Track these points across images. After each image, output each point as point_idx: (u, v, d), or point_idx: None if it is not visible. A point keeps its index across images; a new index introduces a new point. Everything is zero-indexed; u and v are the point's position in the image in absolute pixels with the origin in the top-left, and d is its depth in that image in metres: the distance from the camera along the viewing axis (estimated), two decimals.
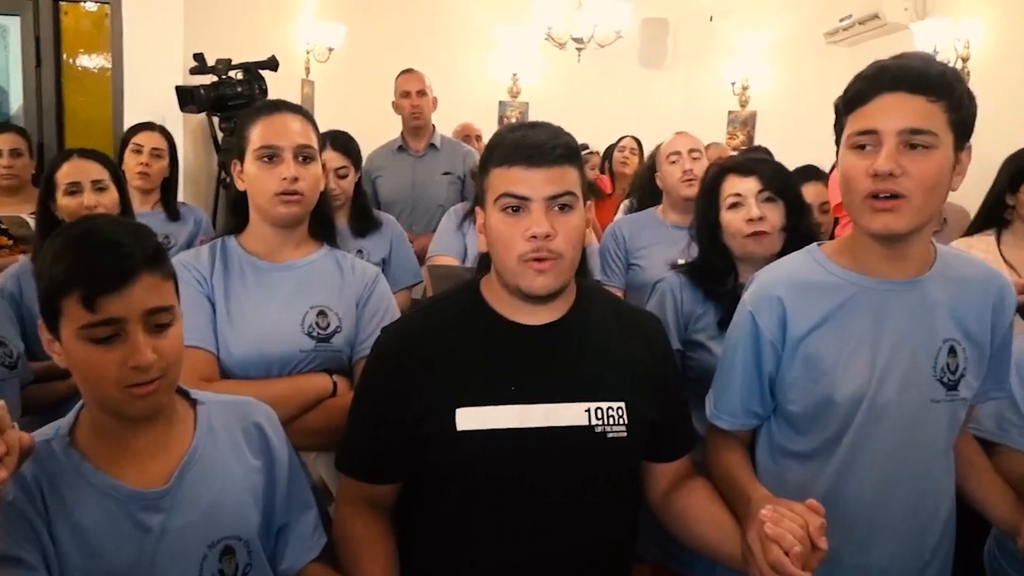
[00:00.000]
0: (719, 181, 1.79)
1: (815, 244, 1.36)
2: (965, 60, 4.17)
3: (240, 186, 1.58)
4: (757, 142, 6.84)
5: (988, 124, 4.50)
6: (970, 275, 1.29)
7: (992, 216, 2.61)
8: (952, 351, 1.25)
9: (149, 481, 1.10)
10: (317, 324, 1.55)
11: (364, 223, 2.67)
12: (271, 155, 1.53)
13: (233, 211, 1.64)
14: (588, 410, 1.22)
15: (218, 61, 3.38)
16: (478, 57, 7.07)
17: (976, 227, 2.66)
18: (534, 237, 1.16)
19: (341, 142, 2.62)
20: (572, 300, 1.30)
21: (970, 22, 4.13)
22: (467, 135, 4.68)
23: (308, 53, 5.77)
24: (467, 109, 6.76)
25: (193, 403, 1.19)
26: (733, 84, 6.89)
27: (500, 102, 7.16)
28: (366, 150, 3.31)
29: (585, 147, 4.65)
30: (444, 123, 5.12)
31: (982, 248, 2.62)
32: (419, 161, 3.53)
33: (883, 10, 4.70)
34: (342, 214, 2.69)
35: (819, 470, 1.29)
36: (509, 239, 1.19)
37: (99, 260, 1.02)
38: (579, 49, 5.27)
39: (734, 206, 1.74)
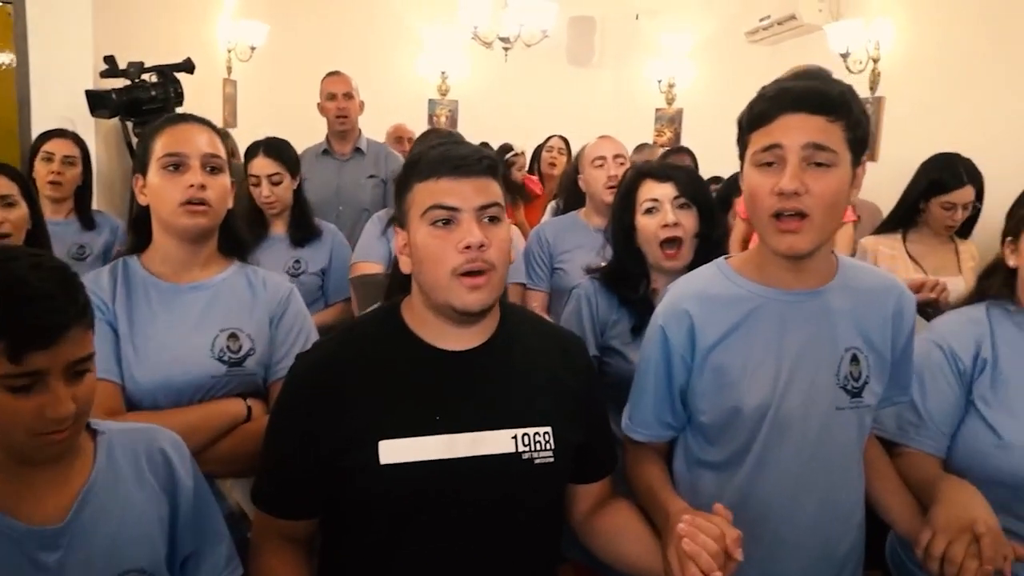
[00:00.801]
0: (636, 186, 1.82)
1: (723, 257, 1.39)
2: (876, 61, 4.32)
3: (142, 200, 1.52)
4: (684, 139, 6.97)
5: (898, 123, 4.73)
6: (871, 285, 1.33)
7: (905, 216, 2.72)
8: (855, 359, 1.29)
9: (46, 517, 1.06)
10: (228, 348, 1.50)
11: (303, 232, 2.63)
12: (176, 163, 1.47)
13: (135, 229, 1.57)
14: (515, 437, 1.21)
15: (130, 64, 3.27)
16: (406, 56, 7.02)
17: (889, 225, 2.76)
18: (468, 248, 1.15)
19: (275, 148, 2.58)
20: (497, 322, 1.29)
21: (881, 24, 4.27)
22: (399, 136, 4.65)
23: (230, 52, 5.64)
24: (397, 108, 6.71)
25: (93, 433, 1.15)
26: (660, 82, 7.00)
27: (430, 100, 7.13)
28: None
29: (510, 148, 4.64)
30: (374, 122, 5.06)
31: (888, 245, 2.74)
32: (344, 165, 3.49)
33: (799, 11, 4.84)
34: (280, 222, 2.65)
35: (731, 479, 1.32)
36: (440, 253, 1.17)
37: (28, 315, 0.97)
38: (506, 49, 5.27)
39: (650, 211, 1.77)
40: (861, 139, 1.19)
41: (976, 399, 1.46)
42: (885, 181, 4.08)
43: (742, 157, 1.26)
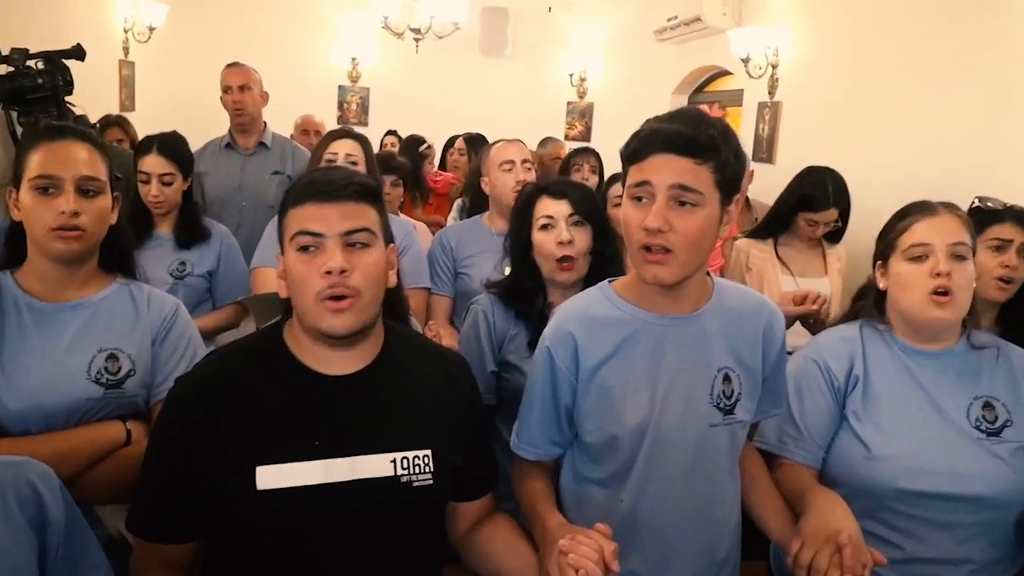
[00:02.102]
0: (532, 201, 1.85)
1: (607, 281, 1.43)
2: (775, 67, 4.48)
3: (15, 216, 1.45)
4: (594, 133, 7.07)
5: (794, 128, 4.88)
6: (743, 306, 1.40)
7: (776, 225, 2.83)
8: (727, 378, 1.36)
9: None
10: (106, 369, 1.45)
11: (189, 233, 2.54)
12: (48, 186, 1.41)
13: (8, 243, 1.49)
14: (394, 460, 1.23)
15: (13, 50, 3.08)
16: (317, 40, 6.87)
17: (763, 232, 2.87)
18: (329, 273, 1.16)
19: (169, 146, 2.48)
20: (380, 345, 1.30)
21: (780, 31, 4.42)
22: (306, 129, 4.55)
23: (127, 32, 5.40)
24: (306, 94, 6.57)
25: None
26: (571, 75, 7.07)
27: (340, 87, 7.00)
28: (196, 141, 3.14)
29: (421, 140, 4.61)
30: (283, 109, 4.94)
31: (759, 248, 2.85)
32: (248, 160, 3.39)
33: (704, 14, 4.95)
34: (166, 222, 2.56)
35: (616, 496, 1.37)
36: (305, 278, 1.18)
37: None
38: (417, 40, 5.22)
39: (545, 227, 1.80)
40: (731, 179, 1.25)
41: (848, 413, 1.55)
42: (782, 183, 4.25)
43: (624, 185, 1.30)
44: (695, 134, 1.20)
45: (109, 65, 5.22)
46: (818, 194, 2.69)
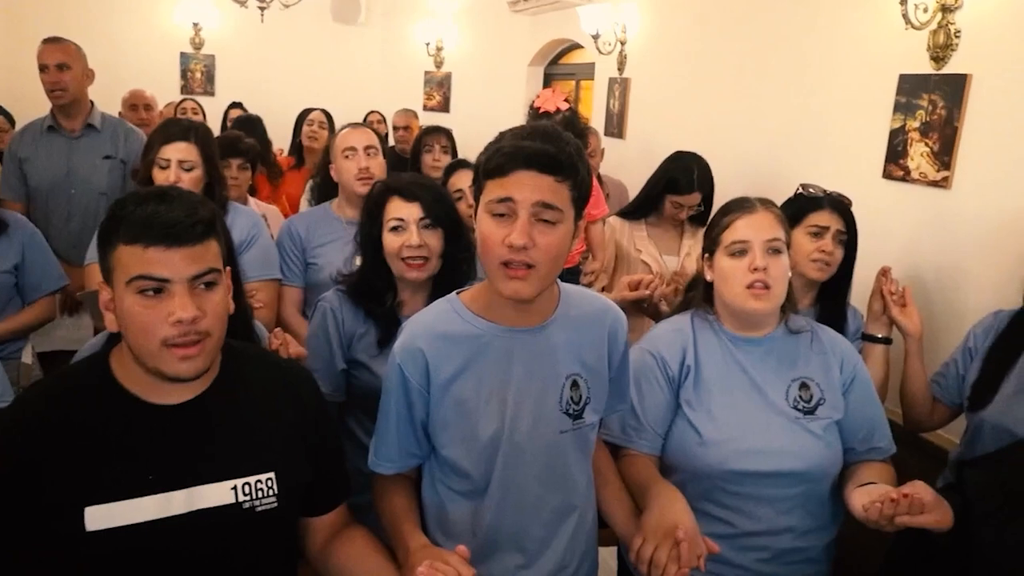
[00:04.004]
0: (383, 201, 1.82)
1: (455, 293, 1.43)
2: (623, 43, 4.59)
3: None
4: (452, 103, 7.03)
5: (643, 103, 5.03)
6: (587, 312, 1.45)
7: (646, 206, 2.94)
8: (575, 384, 1.41)
9: None
10: None
11: None
12: None
13: None
14: (235, 487, 1.20)
15: None
16: (155, 3, 6.43)
17: (634, 214, 2.98)
18: (180, 322, 1.11)
19: None
20: (217, 368, 1.25)
21: (626, 7, 4.53)
22: (135, 104, 4.25)
23: None
24: (145, 62, 6.17)
25: None
26: (428, 45, 6.98)
27: (182, 54, 6.60)
28: (22, 120, 2.86)
29: (257, 120, 4.39)
30: (120, 78, 4.61)
31: (630, 228, 2.97)
32: (75, 143, 3.15)
33: None
34: None
35: (476, 505, 1.40)
36: (149, 324, 1.11)
37: None
38: (262, 8, 4.98)
39: (396, 229, 1.78)
40: (584, 196, 1.29)
41: (683, 402, 1.64)
42: (631, 158, 4.41)
43: (477, 199, 1.30)
44: (556, 152, 1.23)
45: None
46: (684, 178, 2.80)
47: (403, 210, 1.78)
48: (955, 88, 2.45)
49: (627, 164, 4.30)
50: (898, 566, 1.60)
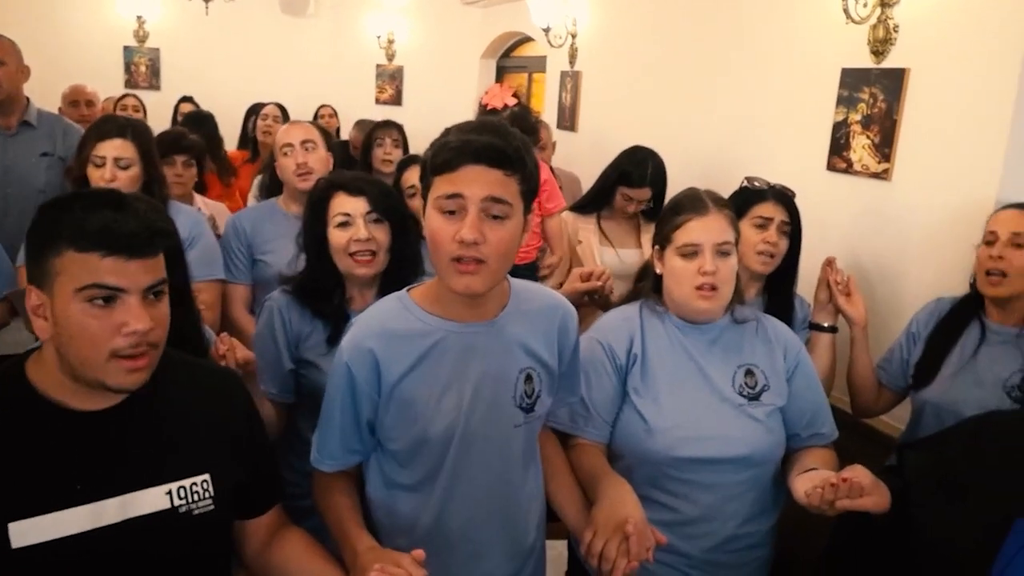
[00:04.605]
0: (327, 197, 1.80)
1: (405, 290, 1.42)
2: (574, 37, 4.60)
3: None
4: (405, 97, 6.99)
5: (594, 96, 5.06)
6: (538, 307, 1.45)
7: (599, 200, 2.96)
8: (528, 378, 1.41)
9: None
10: None
11: None
12: None
13: None
14: (170, 492, 1.18)
15: None
16: None
17: (587, 208, 3.00)
18: (134, 333, 1.09)
19: None
20: None
21: (577, 1, 4.54)
22: (76, 100, 4.14)
23: None
24: (88, 56, 6.01)
25: None
26: (379, 37, 6.91)
27: (125, 47, 6.43)
28: None
29: (208, 116, 4.30)
30: (60, 73, 4.48)
31: (584, 222, 2.99)
32: (11, 141, 3.04)
33: None
34: None
35: (426, 499, 1.39)
36: (98, 335, 1.08)
37: None
38: (206, 0, 4.88)
39: (342, 224, 1.76)
40: (532, 189, 1.29)
41: (630, 390, 1.66)
42: (583, 151, 4.44)
43: (425, 195, 1.29)
44: (504, 146, 1.22)
45: None
46: (636, 172, 2.82)
47: (349, 205, 1.76)
48: (894, 82, 2.51)
49: (579, 157, 4.32)
50: (840, 549, 1.64)
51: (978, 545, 1.29)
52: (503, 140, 1.24)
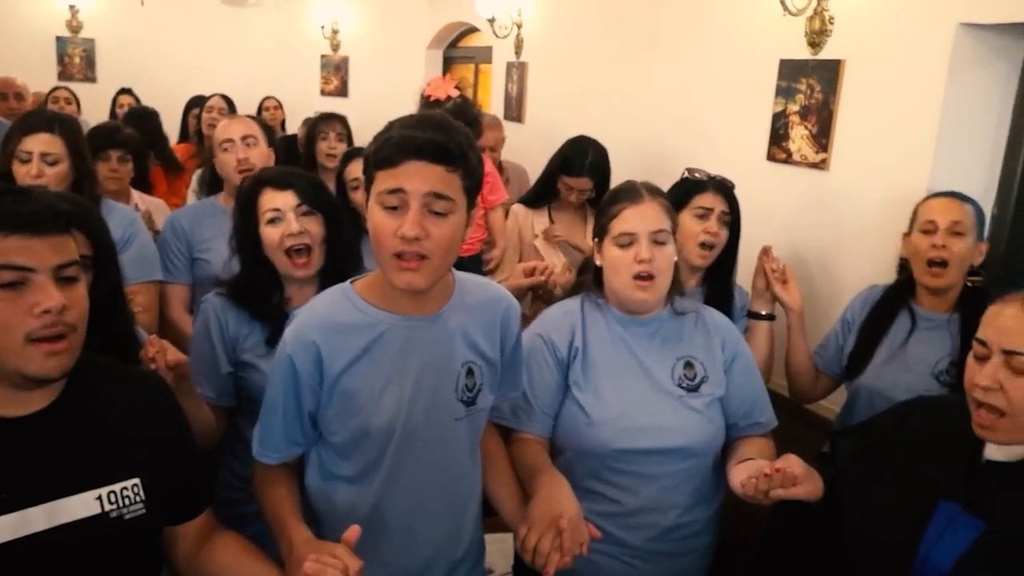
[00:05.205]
0: (255, 195, 1.77)
1: (349, 282, 1.41)
2: (520, 27, 4.59)
3: None
4: (351, 88, 6.90)
5: (541, 87, 5.05)
6: (481, 300, 1.45)
7: (546, 191, 2.96)
8: (470, 372, 1.41)
9: None
10: None
11: None
12: None
13: None
14: (100, 497, 1.16)
15: None
16: None
17: (536, 201, 2.99)
18: (46, 312, 1.06)
19: None
20: (64, 379, 1.19)
21: None
22: (4, 92, 4.00)
23: None
24: (19, 48, 5.81)
25: None
26: (323, 27, 6.81)
27: (58, 38, 6.24)
28: None
29: (151, 111, 4.20)
30: None
31: (534, 215, 2.99)
32: None
33: None
34: None
35: (365, 491, 1.39)
36: (10, 320, 1.06)
37: None
38: None
39: (273, 221, 1.74)
40: (476, 184, 1.29)
41: (571, 384, 1.67)
42: (531, 142, 4.43)
43: (368, 190, 1.28)
44: (446, 141, 1.22)
45: None
46: (576, 161, 2.82)
47: (278, 200, 1.74)
48: (830, 73, 2.56)
49: (527, 148, 4.31)
50: (776, 536, 1.68)
51: (906, 527, 1.33)
52: (445, 136, 1.23)
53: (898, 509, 1.36)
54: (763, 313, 2.17)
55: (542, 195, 2.99)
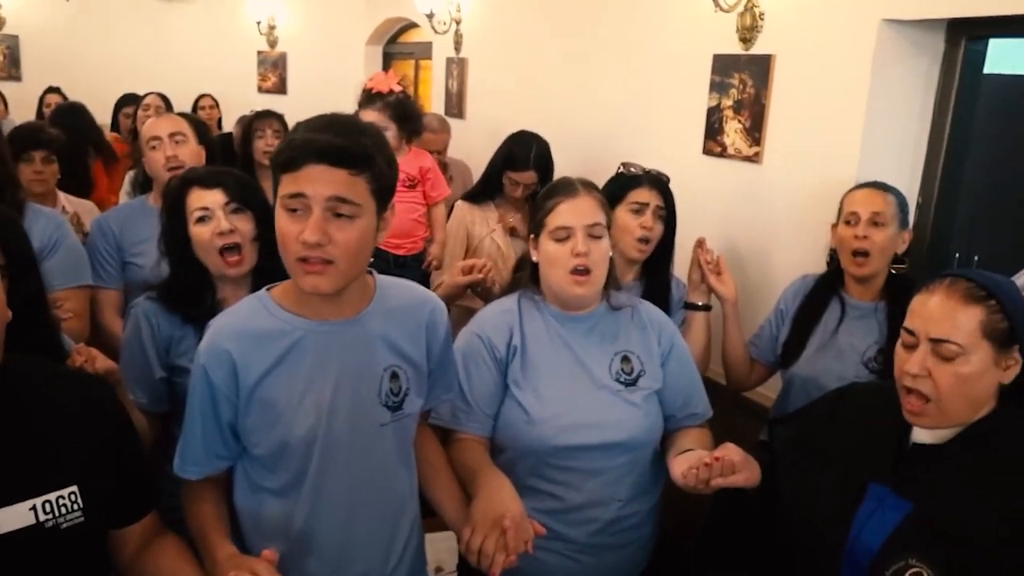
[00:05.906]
0: (183, 195, 1.73)
1: (265, 289, 1.38)
2: (459, 23, 4.57)
3: None
4: (290, 84, 6.80)
5: (481, 83, 5.04)
6: (405, 303, 1.43)
7: (491, 186, 2.94)
8: (394, 376, 1.39)
9: None
10: None
11: None
12: None
13: None
14: (34, 507, 1.12)
15: None
16: None
17: (481, 197, 2.97)
18: None
19: None
20: None
21: None
22: None
23: None
24: None
25: None
26: (259, 23, 6.69)
27: None
28: None
29: (80, 107, 4.07)
30: None
31: (480, 211, 2.97)
32: None
33: None
34: None
35: (294, 503, 1.36)
36: None
37: None
38: None
39: (202, 219, 1.70)
40: (386, 187, 1.27)
41: (510, 382, 1.67)
42: (473, 138, 4.42)
43: (275, 193, 1.26)
44: (349, 145, 1.19)
45: None
46: (520, 154, 2.81)
47: (206, 198, 1.71)
48: (761, 68, 2.61)
49: (468, 144, 4.30)
50: (716, 523, 1.71)
51: (837, 510, 1.37)
52: (349, 139, 1.21)
53: (830, 493, 1.39)
54: (699, 304, 2.20)
55: (486, 191, 2.98)
